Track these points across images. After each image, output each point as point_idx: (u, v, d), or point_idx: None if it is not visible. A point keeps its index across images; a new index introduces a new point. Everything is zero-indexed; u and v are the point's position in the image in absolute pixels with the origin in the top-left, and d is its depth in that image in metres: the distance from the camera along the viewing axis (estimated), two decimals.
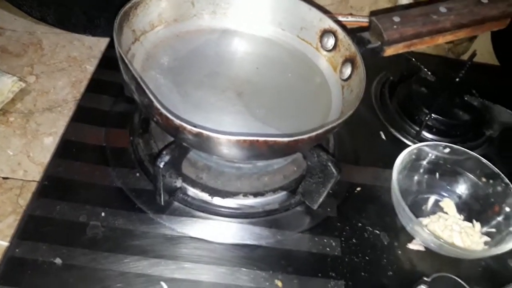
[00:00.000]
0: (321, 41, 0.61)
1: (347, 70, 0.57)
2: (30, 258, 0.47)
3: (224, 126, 0.52)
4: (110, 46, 0.74)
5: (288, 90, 0.59)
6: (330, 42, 0.59)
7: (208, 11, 0.63)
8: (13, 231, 0.63)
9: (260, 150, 0.43)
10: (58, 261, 0.47)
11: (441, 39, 0.61)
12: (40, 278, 0.46)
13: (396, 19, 0.58)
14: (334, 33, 0.58)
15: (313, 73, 0.61)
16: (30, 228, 0.50)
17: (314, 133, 0.43)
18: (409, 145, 0.67)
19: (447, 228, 0.55)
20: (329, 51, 0.60)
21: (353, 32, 0.59)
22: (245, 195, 0.56)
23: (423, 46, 0.61)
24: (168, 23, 0.61)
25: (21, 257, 0.47)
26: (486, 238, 0.55)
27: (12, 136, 0.75)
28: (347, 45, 0.56)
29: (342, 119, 0.45)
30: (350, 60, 0.56)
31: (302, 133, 0.43)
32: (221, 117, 0.53)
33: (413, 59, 0.74)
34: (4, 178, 0.69)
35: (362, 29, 0.59)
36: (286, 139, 0.42)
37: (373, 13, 0.95)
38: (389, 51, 0.58)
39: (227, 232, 0.53)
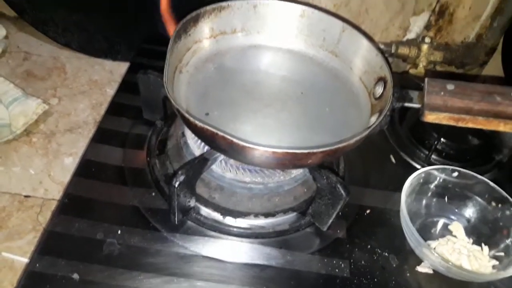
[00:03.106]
0: (374, 87, 0.60)
1: (373, 118, 0.57)
2: (49, 273, 0.49)
3: (240, 128, 0.55)
4: (130, 70, 0.77)
5: (318, 112, 0.60)
6: (379, 90, 0.59)
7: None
8: (32, 248, 0.65)
9: (277, 160, 0.47)
10: (75, 276, 0.49)
11: (502, 127, 0.53)
12: None
13: (450, 86, 0.54)
14: (385, 83, 0.57)
15: (348, 100, 0.62)
16: (50, 244, 0.52)
17: (322, 149, 0.45)
18: (418, 169, 0.68)
19: (455, 251, 0.56)
20: (376, 98, 0.59)
21: (402, 87, 0.57)
22: (256, 215, 0.57)
23: (477, 126, 0.54)
24: (249, 33, 0.67)
25: (41, 272, 0.49)
26: (495, 262, 0.55)
27: (34, 156, 0.78)
28: (387, 97, 0.54)
29: (347, 142, 0.47)
30: (380, 111, 0.55)
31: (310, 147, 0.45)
32: (240, 117, 0.57)
33: (422, 84, 0.76)
34: (25, 196, 0.72)
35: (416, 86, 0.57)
36: (293, 151, 0.45)
37: (431, 73, 0.92)
38: (430, 117, 0.54)
39: (238, 251, 0.55)
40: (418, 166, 0.69)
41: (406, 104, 0.56)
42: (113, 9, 0.93)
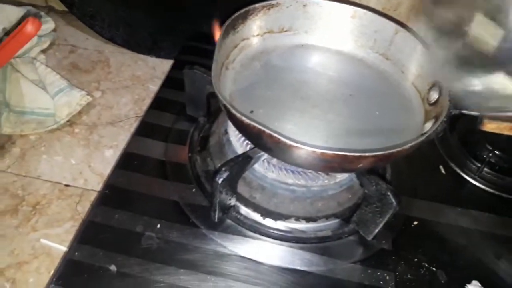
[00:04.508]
0: (428, 92, 0.57)
1: (429, 124, 0.54)
2: (87, 262, 0.49)
3: (285, 127, 0.54)
4: (174, 67, 0.77)
5: (368, 115, 0.58)
6: (434, 95, 0.55)
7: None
8: (70, 237, 0.66)
9: (325, 162, 0.45)
10: (113, 268, 0.48)
11: None
12: (95, 283, 0.47)
13: None
14: (440, 88, 0.54)
15: (399, 104, 0.60)
16: (89, 233, 0.52)
17: (376, 153, 0.43)
18: (469, 181, 0.65)
19: None
20: (430, 104, 0.56)
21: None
22: (297, 219, 0.55)
23: None
24: (297, 32, 0.66)
25: (79, 261, 0.49)
26: None
27: (76, 146, 0.79)
28: (443, 103, 0.52)
29: (401, 148, 0.44)
30: (436, 117, 0.52)
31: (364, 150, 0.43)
32: (286, 116, 0.56)
33: None
34: (66, 185, 0.73)
35: None
36: (347, 154, 0.43)
37: None
38: (490, 126, 0.53)
39: (277, 255, 0.53)
40: (469, 179, 0.65)
41: (464, 111, 0.52)
42: (159, 6, 0.93)
